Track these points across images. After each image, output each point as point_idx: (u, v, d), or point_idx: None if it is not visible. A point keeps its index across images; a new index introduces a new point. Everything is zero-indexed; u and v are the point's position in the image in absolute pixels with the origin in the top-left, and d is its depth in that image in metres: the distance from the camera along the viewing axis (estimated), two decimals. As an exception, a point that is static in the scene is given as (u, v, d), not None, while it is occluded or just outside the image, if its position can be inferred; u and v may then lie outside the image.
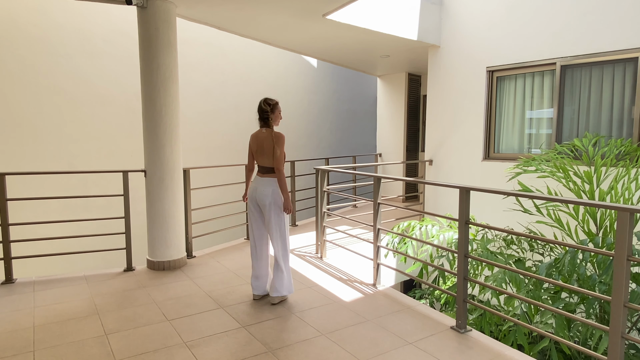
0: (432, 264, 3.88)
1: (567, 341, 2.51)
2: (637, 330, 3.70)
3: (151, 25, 4.17)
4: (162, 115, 4.27)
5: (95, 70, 6.65)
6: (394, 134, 9.03)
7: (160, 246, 4.38)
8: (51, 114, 6.29)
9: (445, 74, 6.48)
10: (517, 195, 2.72)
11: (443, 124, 6.60)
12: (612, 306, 2.15)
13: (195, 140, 7.86)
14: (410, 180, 3.67)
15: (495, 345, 2.79)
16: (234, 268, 4.43)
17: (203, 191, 6.35)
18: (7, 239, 3.93)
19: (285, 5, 4.62)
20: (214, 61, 8.22)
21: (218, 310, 3.34)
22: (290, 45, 6.84)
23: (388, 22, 5.75)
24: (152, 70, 4.21)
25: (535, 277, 2.67)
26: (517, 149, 5.83)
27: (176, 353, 2.67)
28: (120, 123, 6.93)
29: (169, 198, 4.36)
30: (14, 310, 3.32)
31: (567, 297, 3.68)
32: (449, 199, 6.28)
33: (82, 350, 2.70)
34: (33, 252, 4.30)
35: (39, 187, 6.06)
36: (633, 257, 2.08)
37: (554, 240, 2.61)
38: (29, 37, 6.03)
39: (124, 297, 3.62)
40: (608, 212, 3.76)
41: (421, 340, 2.84)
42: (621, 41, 4.71)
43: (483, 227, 3.04)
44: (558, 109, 5.31)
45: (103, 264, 5.40)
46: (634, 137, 4.71)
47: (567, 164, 4.15)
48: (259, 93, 8.99)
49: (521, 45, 5.56)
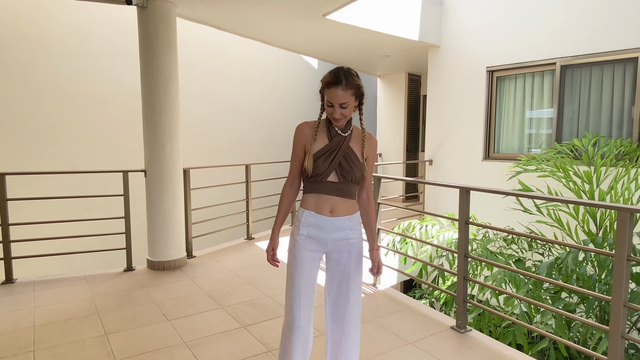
0: (432, 264, 3.88)
1: (567, 341, 2.51)
2: (637, 330, 3.71)
3: (151, 25, 4.17)
4: (162, 115, 4.26)
5: (95, 70, 6.65)
6: (394, 134, 9.03)
7: (160, 246, 4.38)
8: (51, 114, 6.28)
9: (445, 74, 6.48)
10: (517, 195, 2.72)
11: (443, 124, 6.59)
12: (612, 306, 2.15)
13: (195, 140, 7.85)
14: (410, 180, 3.68)
15: (495, 345, 2.79)
16: (234, 268, 4.43)
17: (203, 191, 6.34)
18: (7, 239, 3.93)
19: (285, 5, 4.62)
20: (214, 61, 8.22)
21: (218, 310, 3.34)
22: (290, 45, 6.84)
23: (388, 22, 5.75)
24: (152, 70, 4.21)
25: (535, 277, 2.67)
26: (517, 149, 5.83)
27: (176, 353, 2.67)
28: (120, 123, 6.93)
29: (169, 198, 4.36)
30: (14, 310, 3.32)
31: (567, 297, 3.68)
32: (449, 199, 6.28)
33: (82, 350, 2.70)
34: (33, 252, 4.30)
35: (39, 187, 6.06)
36: (633, 257, 2.08)
37: (554, 240, 2.61)
38: (29, 37, 6.03)
39: (124, 297, 3.62)
40: (608, 212, 3.76)
41: (421, 340, 2.84)
42: (621, 41, 4.71)
43: (483, 226, 3.04)
44: (558, 109, 5.31)
45: (103, 264, 5.39)
46: (634, 137, 4.71)
47: (567, 163, 4.15)
48: (259, 93, 9.00)
49: (521, 45, 5.56)
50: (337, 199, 1.88)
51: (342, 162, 1.86)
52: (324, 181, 1.87)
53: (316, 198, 1.89)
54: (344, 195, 1.89)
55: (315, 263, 1.95)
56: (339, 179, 1.88)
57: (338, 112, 1.81)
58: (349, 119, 1.90)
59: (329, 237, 1.90)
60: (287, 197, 1.99)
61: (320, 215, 1.88)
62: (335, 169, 1.87)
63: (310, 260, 1.92)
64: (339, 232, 1.90)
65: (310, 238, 1.90)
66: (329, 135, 1.88)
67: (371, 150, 1.96)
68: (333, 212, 1.88)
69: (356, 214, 1.96)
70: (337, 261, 1.94)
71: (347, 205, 1.91)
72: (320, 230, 1.89)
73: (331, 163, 1.85)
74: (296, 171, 1.96)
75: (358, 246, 1.96)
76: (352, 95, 1.80)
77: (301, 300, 1.90)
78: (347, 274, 1.94)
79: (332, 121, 1.86)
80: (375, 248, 2.06)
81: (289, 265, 1.96)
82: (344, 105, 1.80)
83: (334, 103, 1.79)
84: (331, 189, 1.87)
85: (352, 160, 1.87)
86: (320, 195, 1.88)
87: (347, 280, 1.94)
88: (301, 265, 1.90)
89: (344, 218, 1.90)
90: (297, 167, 1.95)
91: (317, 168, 1.84)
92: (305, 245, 1.90)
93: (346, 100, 1.79)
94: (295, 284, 1.91)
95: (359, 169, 1.89)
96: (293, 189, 1.99)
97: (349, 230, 1.92)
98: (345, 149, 1.87)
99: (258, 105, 8.99)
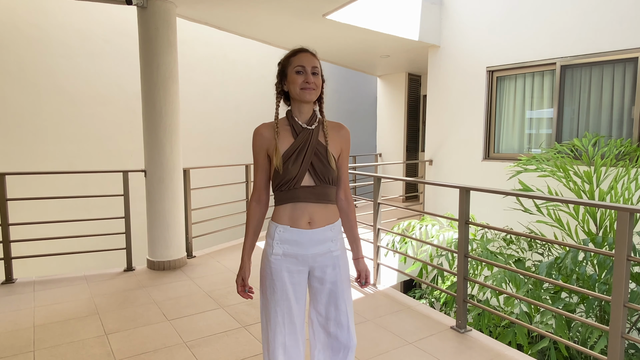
0: (432, 263, 3.88)
1: (566, 341, 2.51)
2: (637, 330, 3.71)
3: (151, 25, 4.17)
4: (162, 115, 4.27)
5: (95, 70, 6.65)
6: (394, 134, 9.03)
7: (160, 246, 4.38)
8: (51, 114, 6.29)
9: (445, 74, 6.48)
10: (517, 195, 2.72)
11: (443, 124, 6.60)
12: (612, 306, 2.15)
13: (195, 140, 7.86)
14: (410, 180, 3.68)
15: (495, 345, 2.79)
16: (234, 268, 4.43)
17: (203, 191, 6.34)
18: (7, 239, 3.94)
19: (285, 5, 4.62)
20: (214, 61, 8.22)
21: (218, 310, 3.34)
22: (291, 45, 6.77)
23: (388, 22, 5.75)
24: (152, 70, 4.21)
25: (535, 277, 2.68)
26: (517, 149, 5.83)
27: (176, 353, 2.67)
28: (120, 123, 6.93)
29: (169, 198, 4.36)
30: (14, 310, 3.32)
31: (567, 297, 3.68)
32: (449, 199, 6.28)
33: (82, 350, 2.70)
34: (33, 252, 4.31)
35: (39, 187, 6.06)
36: (633, 257, 2.08)
37: (554, 240, 2.61)
38: (29, 37, 6.03)
39: (124, 297, 3.62)
40: (608, 212, 3.76)
41: (421, 340, 2.84)
42: (621, 41, 4.71)
43: (483, 227, 3.04)
44: (558, 109, 5.31)
45: (103, 264, 5.40)
46: (634, 137, 4.71)
47: (567, 163, 4.15)
48: (259, 93, 9.00)
49: (521, 45, 5.56)
50: (316, 206, 1.60)
51: (314, 162, 1.59)
52: (297, 187, 1.58)
53: (291, 209, 1.60)
54: (323, 200, 1.62)
55: (302, 285, 1.64)
56: (314, 182, 1.60)
57: (311, 77, 1.56)
58: (314, 110, 1.66)
59: (309, 253, 1.61)
60: (254, 215, 1.69)
61: (297, 228, 1.59)
62: (308, 170, 1.59)
63: (292, 282, 1.61)
64: (319, 245, 1.62)
65: (288, 257, 1.61)
66: (293, 132, 1.61)
67: (344, 143, 1.69)
68: (312, 224, 1.60)
69: (337, 222, 1.69)
70: (321, 280, 1.65)
71: (327, 212, 1.64)
72: (297, 246, 1.60)
73: (302, 164, 1.57)
74: (262, 183, 1.68)
75: (343, 258, 1.70)
76: (320, 67, 1.61)
77: (289, 328, 1.60)
78: (335, 293, 1.66)
79: (302, 95, 1.57)
80: (360, 257, 1.81)
81: (263, 295, 1.64)
82: (316, 70, 1.58)
83: (306, 65, 1.57)
84: (307, 195, 1.59)
85: (325, 157, 1.60)
86: (295, 205, 1.59)
87: (336, 300, 1.66)
88: (282, 289, 1.59)
89: (324, 229, 1.63)
90: (262, 178, 1.67)
91: (287, 173, 1.56)
92: (283, 265, 1.60)
93: (317, 65, 1.59)
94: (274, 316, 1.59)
95: (334, 166, 1.63)
96: (260, 204, 1.69)
97: (330, 242, 1.64)
98: (315, 144, 1.60)
99: (258, 105, 8.99)
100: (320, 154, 1.60)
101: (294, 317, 1.61)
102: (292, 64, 1.59)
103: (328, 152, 1.61)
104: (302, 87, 1.56)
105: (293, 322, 1.61)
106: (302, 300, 1.65)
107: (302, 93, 1.57)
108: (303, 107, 1.63)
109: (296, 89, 1.57)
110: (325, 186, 1.62)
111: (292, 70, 1.58)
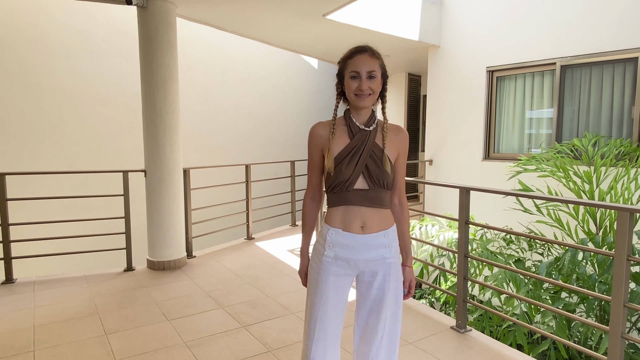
0: (432, 263, 3.88)
1: (567, 341, 2.51)
2: (637, 330, 3.71)
3: (151, 25, 4.17)
4: (162, 115, 4.27)
5: (95, 70, 6.65)
6: (394, 134, 9.01)
7: (160, 246, 4.38)
8: (51, 114, 6.28)
9: (445, 74, 6.48)
10: (517, 195, 2.72)
11: (443, 124, 6.59)
12: (612, 306, 2.15)
13: (195, 140, 7.86)
14: (410, 180, 3.68)
15: (495, 345, 2.79)
16: (234, 268, 4.43)
17: (203, 191, 6.34)
18: (7, 239, 3.94)
19: (285, 6, 4.62)
20: (214, 61, 8.22)
21: (218, 310, 3.34)
22: (291, 45, 6.84)
23: (388, 22, 5.75)
24: (152, 70, 4.21)
25: (535, 277, 2.68)
26: (517, 149, 5.83)
27: (176, 353, 2.67)
28: (120, 123, 6.93)
29: (169, 198, 4.36)
30: (14, 310, 3.32)
31: (567, 297, 3.68)
32: (449, 199, 6.28)
33: (82, 350, 2.70)
34: (33, 252, 4.30)
35: (39, 187, 6.06)
36: (633, 257, 2.08)
37: (554, 240, 2.61)
38: (29, 37, 6.03)
39: (124, 297, 3.62)
40: (608, 212, 3.76)
41: (421, 340, 2.84)
42: (621, 41, 4.71)
43: (483, 227, 3.04)
44: (558, 109, 5.31)
45: (103, 264, 5.39)
46: (634, 137, 4.71)
47: (567, 163, 4.15)
48: (259, 93, 9.00)
49: (521, 45, 5.56)
50: (369, 211, 1.55)
51: (369, 164, 1.53)
52: (350, 190, 1.53)
53: (343, 212, 1.55)
54: (376, 204, 1.55)
55: (344, 289, 1.62)
56: (368, 185, 1.54)
57: (365, 84, 1.50)
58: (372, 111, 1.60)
59: (361, 258, 1.56)
60: (309, 211, 1.71)
61: (349, 232, 1.55)
62: (362, 173, 1.54)
63: (336, 287, 1.58)
64: (371, 251, 1.56)
65: (338, 260, 1.57)
66: (349, 132, 1.57)
67: (402, 146, 1.63)
68: (364, 228, 1.55)
69: (392, 228, 1.62)
70: (369, 285, 1.60)
71: (381, 217, 1.57)
72: (349, 250, 1.55)
73: (356, 166, 1.52)
74: (316, 181, 1.67)
75: (396, 267, 1.62)
76: (380, 67, 1.53)
77: (319, 334, 1.58)
78: (381, 301, 1.59)
79: (355, 101, 1.54)
80: (408, 264, 1.73)
81: (309, 290, 1.64)
82: (372, 74, 1.51)
83: (361, 70, 1.50)
84: (360, 199, 1.54)
85: (381, 160, 1.54)
86: (348, 208, 1.55)
87: (379, 308, 1.60)
88: (323, 293, 1.57)
89: (378, 234, 1.56)
90: (316, 176, 1.66)
91: (340, 175, 1.52)
92: (332, 269, 1.57)
93: (374, 69, 1.51)
94: (313, 314, 1.59)
95: (391, 170, 1.56)
96: (315, 201, 1.71)
97: (384, 249, 1.57)
98: (371, 147, 1.55)
99: (258, 105, 8.99)
100: (375, 157, 1.55)
101: (326, 324, 1.58)
102: (348, 67, 1.55)
103: (384, 155, 1.55)
104: (356, 94, 1.53)
105: (324, 329, 1.58)
106: (341, 305, 1.62)
107: (356, 99, 1.54)
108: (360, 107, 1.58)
109: (350, 94, 1.55)
110: (379, 190, 1.56)
111: (348, 74, 1.54)
